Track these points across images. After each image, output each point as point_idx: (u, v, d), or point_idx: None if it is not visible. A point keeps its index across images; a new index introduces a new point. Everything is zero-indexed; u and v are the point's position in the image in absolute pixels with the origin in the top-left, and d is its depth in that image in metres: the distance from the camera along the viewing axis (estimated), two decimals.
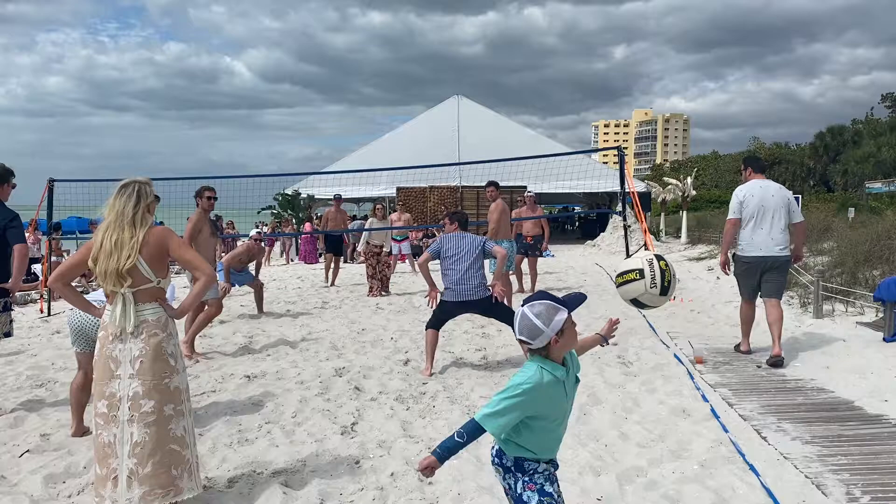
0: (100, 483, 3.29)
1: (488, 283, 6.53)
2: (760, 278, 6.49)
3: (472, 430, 2.48)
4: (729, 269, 6.77)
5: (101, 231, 3.41)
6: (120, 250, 3.32)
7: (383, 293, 11.75)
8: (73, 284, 3.80)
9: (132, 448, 3.24)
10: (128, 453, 3.24)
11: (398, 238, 14.98)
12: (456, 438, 2.48)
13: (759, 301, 6.66)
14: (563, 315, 2.49)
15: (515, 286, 10.96)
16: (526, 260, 11.68)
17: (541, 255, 12.06)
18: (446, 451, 2.48)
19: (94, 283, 12.09)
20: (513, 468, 2.61)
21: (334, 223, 13.64)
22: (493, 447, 2.65)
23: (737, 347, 6.85)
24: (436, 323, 6.45)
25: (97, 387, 3.36)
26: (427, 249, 6.77)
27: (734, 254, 6.67)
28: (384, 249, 12.09)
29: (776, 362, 6.18)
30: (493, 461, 2.66)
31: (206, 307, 7.22)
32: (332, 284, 13.30)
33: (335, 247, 13.72)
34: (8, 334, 5.39)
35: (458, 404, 5.24)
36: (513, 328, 2.60)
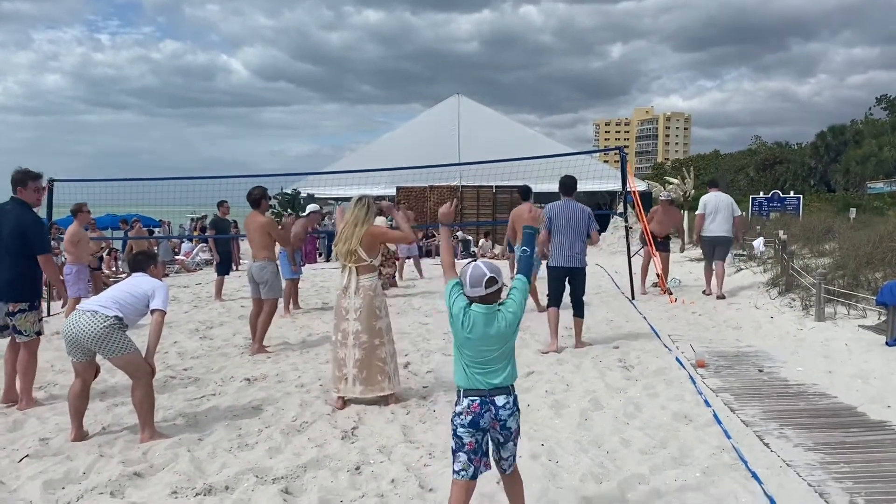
0: (335, 382, 5.37)
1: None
2: (714, 249, 10.54)
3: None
4: (697, 243, 11.21)
5: (343, 224, 5.36)
6: (349, 240, 5.27)
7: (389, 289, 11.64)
8: (107, 273, 4.14)
9: (355, 362, 5.27)
10: (352, 365, 5.28)
11: None
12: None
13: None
14: None
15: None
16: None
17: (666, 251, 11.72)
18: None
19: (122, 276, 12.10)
20: (518, 403, 3.09)
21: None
22: (506, 402, 3.00)
23: (703, 292, 10.78)
24: (554, 300, 7.26)
25: (336, 323, 5.41)
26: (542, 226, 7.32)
27: (701, 235, 10.69)
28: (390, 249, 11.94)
29: (719, 296, 10.30)
30: (511, 413, 3.01)
31: (266, 306, 7.49)
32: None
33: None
34: (39, 333, 5.54)
35: None
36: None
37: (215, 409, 5.34)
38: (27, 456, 4.33)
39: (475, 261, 3.07)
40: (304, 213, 11.64)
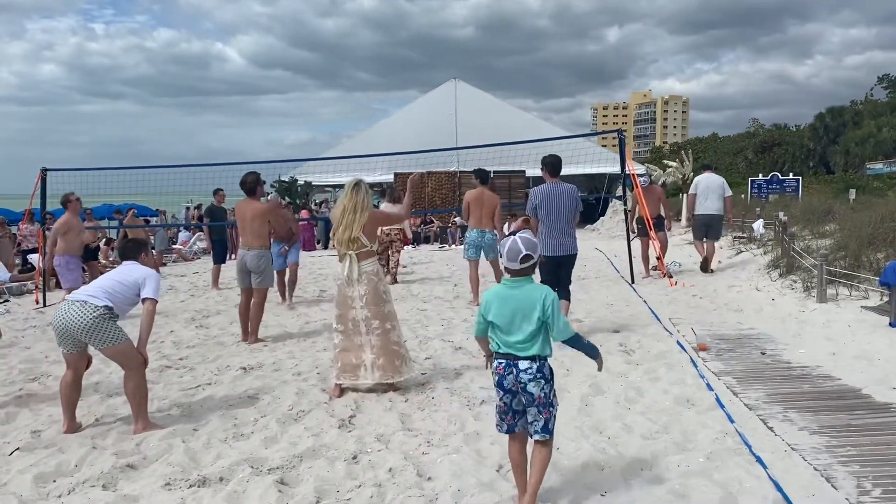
0: (351, 370, 5.23)
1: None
2: (707, 228, 11.08)
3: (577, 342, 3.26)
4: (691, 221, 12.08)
5: (341, 211, 5.19)
6: (350, 226, 5.13)
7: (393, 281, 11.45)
8: (104, 262, 4.31)
9: (372, 348, 5.19)
10: (370, 351, 5.20)
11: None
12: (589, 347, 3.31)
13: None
14: None
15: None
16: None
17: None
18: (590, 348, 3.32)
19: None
20: (549, 375, 3.20)
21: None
22: (528, 367, 3.15)
23: (701, 268, 11.06)
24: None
25: (342, 314, 5.28)
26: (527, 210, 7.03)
27: (694, 214, 11.43)
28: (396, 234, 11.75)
29: (703, 266, 11.03)
30: (533, 378, 3.14)
31: (254, 297, 7.24)
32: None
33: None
34: None
35: (457, 395, 5.14)
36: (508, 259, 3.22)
37: (210, 398, 5.26)
38: (18, 449, 4.26)
39: (514, 235, 3.28)
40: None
